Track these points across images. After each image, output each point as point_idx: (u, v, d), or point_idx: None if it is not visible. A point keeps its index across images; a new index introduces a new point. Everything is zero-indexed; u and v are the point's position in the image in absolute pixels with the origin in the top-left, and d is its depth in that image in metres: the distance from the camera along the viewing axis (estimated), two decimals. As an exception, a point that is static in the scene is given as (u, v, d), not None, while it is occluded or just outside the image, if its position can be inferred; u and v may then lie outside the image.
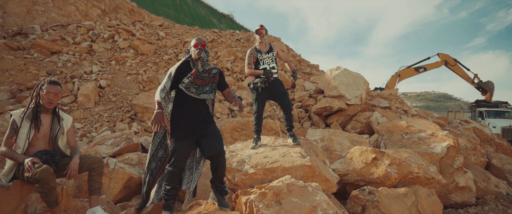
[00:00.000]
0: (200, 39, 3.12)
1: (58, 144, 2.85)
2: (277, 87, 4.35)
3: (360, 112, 9.01)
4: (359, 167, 4.95)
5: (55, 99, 2.80)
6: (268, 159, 3.73)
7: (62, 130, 2.91)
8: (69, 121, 3.02)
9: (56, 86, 2.80)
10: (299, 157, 3.75)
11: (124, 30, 11.29)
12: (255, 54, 4.43)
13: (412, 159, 5.03)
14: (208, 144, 3.04)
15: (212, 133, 3.09)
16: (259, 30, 4.43)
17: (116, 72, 9.03)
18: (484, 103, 21.55)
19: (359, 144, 6.76)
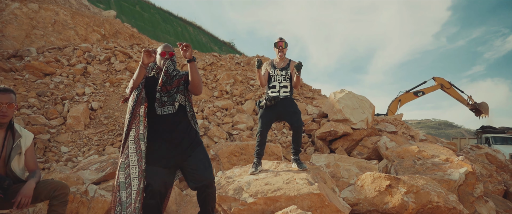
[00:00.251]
0: (169, 47, 2.70)
1: (11, 166, 2.33)
2: (287, 106, 3.89)
3: (366, 137, 8.51)
4: (371, 196, 4.43)
5: (9, 111, 2.31)
6: (270, 186, 3.22)
7: (19, 149, 2.40)
8: (29, 138, 2.51)
9: (7, 94, 2.32)
10: (306, 184, 3.25)
11: (121, 52, 11.00)
12: (269, 68, 4.04)
13: (429, 187, 4.52)
14: (194, 172, 2.50)
15: (199, 157, 2.55)
16: (278, 43, 4.03)
17: (110, 94, 8.62)
18: (490, 129, 21.10)
19: (367, 170, 6.23)
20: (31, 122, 6.72)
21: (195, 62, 2.49)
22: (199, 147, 2.59)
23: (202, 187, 2.47)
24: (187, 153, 2.51)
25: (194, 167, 2.49)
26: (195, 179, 2.47)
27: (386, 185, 4.36)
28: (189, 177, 2.50)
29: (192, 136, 2.59)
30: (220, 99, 9.47)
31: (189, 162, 2.51)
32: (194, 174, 2.48)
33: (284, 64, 4.08)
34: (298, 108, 3.96)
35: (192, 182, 2.49)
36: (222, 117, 8.34)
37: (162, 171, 2.48)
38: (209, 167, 2.55)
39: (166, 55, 2.61)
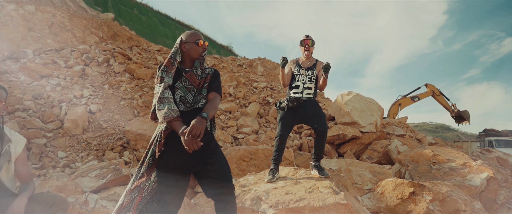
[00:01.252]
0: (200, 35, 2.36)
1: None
2: (311, 108, 3.58)
3: (375, 140, 8.21)
4: (393, 204, 4.13)
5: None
6: (291, 196, 2.90)
7: (8, 156, 2.02)
8: (20, 144, 2.12)
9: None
10: (331, 193, 2.94)
11: (120, 54, 10.67)
12: (294, 66, 3.74)
13: (454, 194, 4.23)
14: (213, 178, 2.18)
15: (218, 162, 2.23)
16: (304, 41, 3.71)
17: (109, 97, 8.28)
18: (493, 133, 20.91)
19: (381, 175, 5.93)
20: (27, 125, 6.38)
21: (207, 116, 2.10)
22: (218, 150, 2.27)
23: (222, 194, 2.15)
24: (204, 158, 2.18)
25: (213, 173, 2.17)
26: (214, 186, 2.15)
27: (409, 192, 4.07)
28: (207, 184, 2.18)
29: (209, 139, 2.27)
30: (223, 102, 9.14)
31: (207, 167, 2.19)
32: (213, 180, 2.16)
33: (310, 64, 3.78)
34: (322, 111, 3.66)
35: (210, 189, 2.17)
36: (226, 120, 8.02)
37: (177, 179, 2.16)
38: (229, 173, 2.24)
39: (202, 44, 2.32)
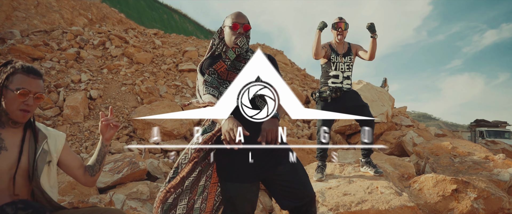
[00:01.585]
0: (242, 17, 1.88)
1: (41, 184, 1.54)
2: (354, 99, 3.28)
3: (386, 131, 8.01)
4: (433, 201, 3.89)
5: (35, 105, 1.52)
6: (350, 197, 2.61)
7: (47, 156, 1.61)
8: (60, 138, 1.71)
9: (37, 79, 1.52)
10: (393, 194, 2.65)
11: (117, 37, 10.09)
12: (329, 52, 3.38)
13: (493, 190, 4.03)
14: (290, 187, 1.79)
15: (293, 166, 1.83)
16: (338, 23, 3.36)
17: (109, 82, 7.78)
18: (484, 123, 21.24)
19: (402, 168, 5.70)
20: (23, 112, 5.88)
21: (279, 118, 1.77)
22: (291, 150, 1.89)
23: (303, 207, 1.79)
24: (276, 161, 1.83)
25: (292, 179, 1.79)
26: (293, 195, 1.77)
27: (452, 189, 3.84)
28: (283, 193, 1.80)
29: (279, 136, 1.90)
30: (228, 89, 8.77)
31: (281, 172, 1.81)
32: (290, 189, 1.78)
33: (345, 49, 3.45)
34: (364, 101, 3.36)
35: (288, 200, 1.79)
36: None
37: (246, 187, 1.79)
38: (308, 179, 1.87)
39: (238, 29, 1.85)
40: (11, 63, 1.53)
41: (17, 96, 1.44)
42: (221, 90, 1.85)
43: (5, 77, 1.47)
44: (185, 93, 8.23)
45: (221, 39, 1.96)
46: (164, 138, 5.67)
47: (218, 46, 1.96)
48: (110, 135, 1.79)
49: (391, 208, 2.50)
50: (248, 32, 1.88)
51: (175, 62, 9.60)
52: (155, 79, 8.51)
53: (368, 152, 3.26)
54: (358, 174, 3.17)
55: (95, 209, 1.53)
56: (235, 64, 1.91)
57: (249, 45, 1.93)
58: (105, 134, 1.77)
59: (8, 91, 1.45)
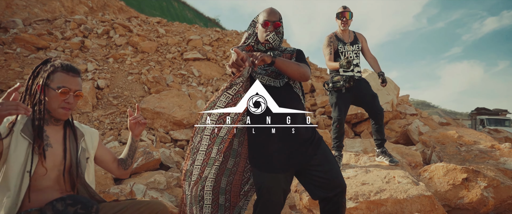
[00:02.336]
0: (274, 14, 1.91)
1: (84, 180, 1.58)
2: (365, 88, 3.31)
3: (392, 120, 8.07)
4: (443, 190, 3.95)
5: (74, 103, 1.54)
6: (369, 187, 2.66)
7: (86, 153, 1.66)
8: (95, 135, 1.76)
9: (76, 77, 1.54)
10: (410, 183, 2.71)
11: (121, 26, 10.04)
12: (336, 44, 3.38)
13: (501, 179, 4.10)
14: (323, 178, 1.83)
15: (326, 157, 1.88)
16: (343, 13, 3.37)
17: (115, 72, 7.78)
18: (484, 111, 21.31)
19: (410, 156, 5.77)
20: (33, 102, 5.90)
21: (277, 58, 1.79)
22: (323, 144, 1.93)
23: (336, 197, 1.85)
24: (311, 150, 1.87)
25: (325, 170, 1.83)
26: (326, 186, 1.82)
27: (462, 178, 3.89)
28: (316, 183, 1.85)
29: (311, 132, 1.94)
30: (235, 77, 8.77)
31: (315, 162, 1.85)
32: (323, 180, 1.83)
33: (351, 38, 3.46)
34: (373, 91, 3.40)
35: (321, 190, 1.84)
36: (240, 98, 7.69)
37: (280, 177, 1.83)
38: (340, 171, 1.92)
39: (269, 26, 1.88)
40: (50, 61, 1.55)
41: (59, 95, 1.47)
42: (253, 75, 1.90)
43: (46, 76, 1.49)
44: (191, 82, 8.24)
45: (254, 32, 1.98)
46: (174, 127, 5.71)
47: (251, 38, 1.99)
48: (139, 131, 1.82)
49: (409, 197, 2.55)
50: (279, 28, 1.90)
51: (179, 51, 9.58)
52: (161, 68, 8.51)
53: (381, 142, 3.30)
54: (374, 163, 3.22)
55: (136, 202, 1.57)
56: None
57: (281, 40, 1.95)
58: (134, 131, 1.80)
59: (49, 90, 1.47)
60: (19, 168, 1.36)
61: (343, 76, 3.30)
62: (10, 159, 1.35)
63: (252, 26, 2.01)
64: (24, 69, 7.25)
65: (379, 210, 2.55)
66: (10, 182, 1.34)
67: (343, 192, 1.85)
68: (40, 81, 1.49)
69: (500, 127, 19.24)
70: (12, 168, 1.35)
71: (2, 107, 1.18)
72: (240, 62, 1.63)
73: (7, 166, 1.35)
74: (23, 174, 1.37)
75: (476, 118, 21.05)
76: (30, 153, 1.39)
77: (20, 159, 1.37)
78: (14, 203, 1.34)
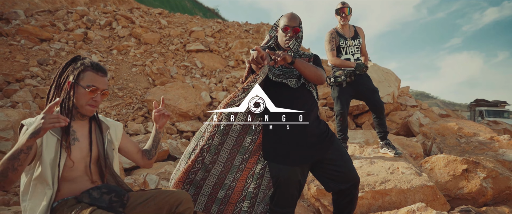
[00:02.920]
0: (294, 19, 1.99)
1: (113, 170, 1.71)
2: (366, 82, 3.41)
3: (392, 111, 8.19)
4: (444, 180, 4.07)
5: (101, 100, 1.66)
6: (374, 177, 2.78)
7: (112, 144, 1.77)
8: (119, 128, 1.87)
9: (104, 77, 1.65)
10: (414, 174, 2.83)
11: (123, 17, 10.06)
12: (337, 39, 3.46)
13: (500, 170, 4.22)
14: (337, 172, 1.95)
15: (340, 151, 2.01)
16: (342, 9, 3.45)
17: (119, 63, 7.85)
18: (483, 103, 21.43)
19: (410, 148, 5.90)
20: (40, 94, 5.98)
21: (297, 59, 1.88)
22: (336, 140, 2.04)
23: (349, 189, 1.97)
24: (325, 145, 1.98)
25: (339, 164, 1.96)
26: (340, 179, 1.95)
27: (462, 169, 4.02)
28: (330, 176, 1.98)
29: (324, 124, 2.05)
30: (236, 69, 8.84)
31: (329, 157, 1.97)
32: (338, 172, 1.96)
33: (352, 33, 3.54)
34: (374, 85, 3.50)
35: (334, 183, 1.97)
36: (243, 89, 7.78)
37: (297, 170, 1.94)
38: (352, 163, 2.03)
39: (288, 32, 1.98)
40: (80, 59, 1.64)
41: (88, 93, 1.57)
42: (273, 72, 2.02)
43: (77, 74, 1.58)
44: (195, 74, 8.32)
45: (275, 35, 2.08)
46: (180, 119, 5.81)
47: (272, 40, 2.08)
48: (163, 123, 1.92)
49: (413, 187, 2.67)
50: (298, 34, 1.99)
51: (182, 43, 9.63)
52: (164, 60, 8.57)
53: (384, 134, 3.41)
54: (378, 155, 3.33)
55: (162, 191, 1.68)
56: None
57: (300, 45, 2.04)
58: (158, 122, 1.90)
59: (79, 87, 1.57)
60: (51, 162, 1.47)
61: (345, 71, 3.38)
62: (43, 155, 1.46)
63: (274, 30, 2.11)
64: (29, 61, 7.31)
65: (384, 200, 2.67)
66: (46, 175, 1.45)
67: (356, 185, 1.97)
68: (70, 78, 1.58)
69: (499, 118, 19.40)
70: (45, 162, 1.45)
71: (46, 120, 1.28)
72: (260, 60, 1.72)
73: (42, 161, 1.45)
74: (54, 167, 1.47)
75: (475, 109, 21.20)
76: (59, 148, 1.50)
77: (51, 154, 1.48)
78: (51, 194, 1.45)
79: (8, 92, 5.91)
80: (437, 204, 2.81)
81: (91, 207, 1.41)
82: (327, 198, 2.72)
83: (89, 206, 1.44)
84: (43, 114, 1.31)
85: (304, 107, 1.97)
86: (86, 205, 1.45)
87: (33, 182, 1.45)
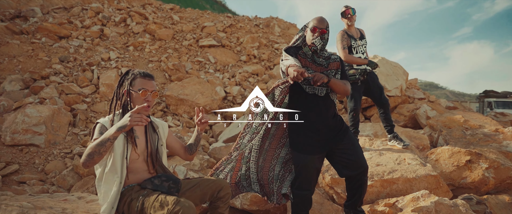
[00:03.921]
0: (322, 22, 2.28)
1: (162, 162, 2.05)
2: (375, 80, 3.68)
3: (400, 104, 8.41)
4: (448, 170, 4.34)
5: (153, 100, 1.97)
6: (383, 168, 3.07)
7: (161, 141, 2.10)
8: (165, 128, 2.20)
9: (151, 80, 1.97)
10: (419, 164, 3.11)
11: (137, 13, 10.36)
12: (348, 40, 3.72)
13: (502, 161, 4.46)
14: (349, 160, 2.28)
15: (352, 142, 2.34)
16: (346, 11, 3.71)
17: (136, 59, 8.17)
18: (493, 94, 21.37)
19: (417, 140, 6.14)
20: (65, 91, 6.34)
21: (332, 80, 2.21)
22: (349, 132, 2.36)
23: (359, 175, 2.29)
24: (339, 137, 2.29)
25: (350, 153, 2.28)
26: (351, 166, 2.28)
27: (466, 160, 4.27)
28: (343, 164, 2.31)
29: (340, 121, 2.37)
30: (248, 64, 9.11)
31: (342, 147, 2.30)
32: (350, 160, 2.28)
33: (358, 33, 3.81)
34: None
35: (347, 169, 2.30)
36: (255, 83, 8.06)
37: (315, 158, 2.27)
38: (362, 153, 2.36)
39: (316, 33, 2.26)
40: (130, 71, 1.97)
41: (140, 95, 1.89)
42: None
43: (129, 83, 1.91)
44: (208, 69, 8.62)
45: (303, 35, 2.37)
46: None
47: (299, 39, 2.38)
48: (203, 127, 2.25)
49: (418, 176, 2.95)
50: (324, 35, 2.28)
51: (195, 38, 9.91)
52: (178, 55, 8.88)
53: (391, 128, 3.69)
54: (386, 147, 3.61)
55: (205, 179, 2.02)
56: (314, 58, 2.34)
57: (325, 44, 2.33)
58: (200, 127, 2.22)
59: (133, 93, 1.89)
60: (120, 155, 1.79)
61: (358, 70, 3.65)
62: (114, 149, 1.78)
63: (303, 30, 2.40)
64: (51, 58, 7.67)
65: (392, 188, 2.96)
66: (116, 165, 1.78)
67: (365, 171, 2.28)
68: (125, 88, 1.91)
69: (508, 109, 19.39)
70: (116, 155, 1.78)
71: (132, 119, 1.59)
72: (300, 77, 2.00)
73: (113, 154, 1.78)
74: (122, 159, 1.80)
75: (484, 100, 21.15)
76: (125, 143, 1.82)
77: (120, 148, 1.80)
78: (120, 181, 1.78)
79: (35, 89, 6.28)
80: (440, 191, 3.09)
81: (155, 192, 1.74)
82: (340, 186, 3.02)
83: (153, 191, 1.77)
84: (131, 113, 1.62)
85: (329, 110, 2.33)
86: (150, 190, 1.78)
87: (106, 171, 1.78)
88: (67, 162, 4.76)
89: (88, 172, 4.41)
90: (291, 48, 2.38)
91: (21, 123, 4.94)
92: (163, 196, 1.68)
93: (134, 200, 1.75)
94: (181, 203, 1.59)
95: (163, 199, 1.65)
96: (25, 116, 5.00)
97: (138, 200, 1.73)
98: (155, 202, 1.66)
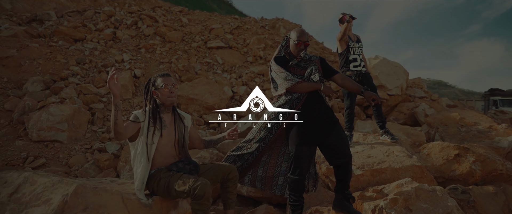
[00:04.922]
0: (304, 35, 2.74)
1: (186, 149, 2.49)
2: (370, 82, 4.06)
3: (401, 102, 8.75)
4: (438, 164, 4.69)
5: (175, 90, 2.44)
6: (373, 159, 3.44)
7: (187, 130, 2.56)
8: (189, 118, 2.65)
9: (169, 77, 2.45)
10: (406, 156, 3.48)
11: (148, 16, 10.82)
12: (347, 39, 4.12)
13: (489, 155, 4.80)
14: (336, 149, 2.67)
15: (340, 134, 2.72)
16: (343, 17, 4.10)
17: (148, 61, 8.62)
18: (498, 92, 21.42)
19: (414, 136, 6.50)
20: (83, 91, 6.79)
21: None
22: (338, 123, 2.75)
23: (346, 163, 2.67)
24: (329, 130, 2.67)
25: (337, 144, 2.65)
26: (338, 155, 2.66)
27: (454, 154, 4.62)
28: (331, 154, 2.69)
29: (330, 113, 2.75)
30: (255, 64, 9.51)
31: (331, 138, 2.66)
32: (337, 150, 2.66)
33: (355, 37, 4.19)
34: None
35: (334, 159, 2.69)
36: (261, 83, 8.46)
37: (307, 148, 2.66)
38: (348, 144, 2.75)
39: (301, 46, 2.71)
40: (152, 78, 2.43)
41: (163, 88, 2.32)
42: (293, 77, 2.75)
43: (152, 84, 2.38)
44: (216, 69, 9.04)
45: (286, 44, 2.77)
46: (206, 111, 6.56)
47: (283, 50, 2.79)
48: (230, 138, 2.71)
49: (404, 166, 3.33)
50: (307, 47, 2.70)
51: (203, 40, 10.33)
52: (187, 57, 9.31)
53: (383, 124, 4.06)
54: (378, 141, 3.98)
55: (217, 164, 2.45)
56: (299, 64, 2.79)
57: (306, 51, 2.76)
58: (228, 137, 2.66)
59: (158, 90, 2.31)
60: (149, 141, 2.22)
61: (354, 71, 4.03)
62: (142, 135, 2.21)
63: (285, 40, 2.80)
64: (68, 60, 8.14)
65: (381, 177, 3.34)
66: (143, 149, 2.21)
67: (349, 160, 2.68)
68: (152, 89, 2.34)
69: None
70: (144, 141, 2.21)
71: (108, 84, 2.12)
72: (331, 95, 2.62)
73: (143, 140, 2.21)
74: (151, 145, 2.23)
75: (489, 98, 21.24)
76: (153, 131, 2.25)
77: (150, 135, 2.23)
78: (148, 164, 2.21)
79: (56, 89, 6.74)
80: (424, 180, 3.45)
81: (179, 173, 2.18)
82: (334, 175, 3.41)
83: (177, 172, 2.20)
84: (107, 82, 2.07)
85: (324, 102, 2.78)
86: (175, 172, 2.21)
87: (137, 154, 2.22)
88: (88, 156, 5.21)
89: (108, 165, 4.86)
90: (279, 58, 2.80)
91: (46, 120, 5.39)
92: (186, 176, 2.12)
93: (162, 179, 2.19)
94: (199, 180, 2.02)
95: (185, 178, 2.09)
96: (49, 115, 5.46)
97: (166, 179, 2.17)
98: (179, 180, 2.10)
